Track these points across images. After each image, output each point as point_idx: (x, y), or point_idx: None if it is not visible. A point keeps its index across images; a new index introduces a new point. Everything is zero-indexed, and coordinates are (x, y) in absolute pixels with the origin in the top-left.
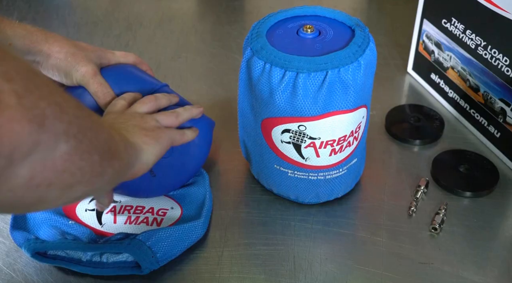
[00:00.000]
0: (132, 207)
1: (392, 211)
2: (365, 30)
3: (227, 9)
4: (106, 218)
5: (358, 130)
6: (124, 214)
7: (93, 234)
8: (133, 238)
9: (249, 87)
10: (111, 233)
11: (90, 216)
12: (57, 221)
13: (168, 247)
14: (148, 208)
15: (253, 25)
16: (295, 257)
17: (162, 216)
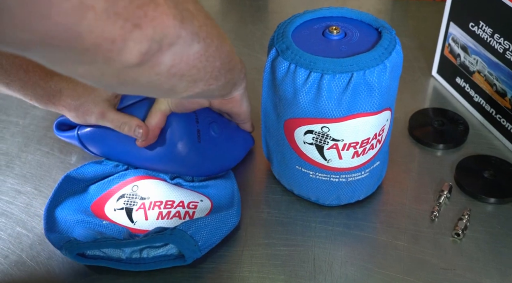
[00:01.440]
0: (161, 202)
1: (414, 215)
2: (391, 33)
3: (250, 9)
4: (137, 216)
5: (381, 133)
6: (155, 210)
7: (130, 232)
8: (173, 229)
9: (273, 87)
10: (145, 230)
11: (120, 215)
12: (91, 222)
13: (208, 236)
14: (178, 202)
15: (278, 25)
16: (315, 258)
17: (193, 209)
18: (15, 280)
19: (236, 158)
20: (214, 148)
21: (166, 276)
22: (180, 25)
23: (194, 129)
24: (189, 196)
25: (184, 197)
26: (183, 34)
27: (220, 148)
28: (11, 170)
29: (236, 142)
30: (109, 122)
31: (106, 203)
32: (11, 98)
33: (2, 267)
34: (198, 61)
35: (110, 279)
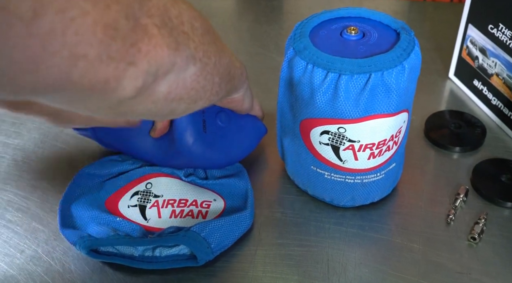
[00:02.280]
0: (175, 200)
1: (429, 218)
2: (410, 34)
3: (266, 9)
4: (150, 213)
5: (398, 135)
6: (168, 208)
7: (143, 229)
8: (187, 230)
9: (290, 87)
10: (158, 228)
11: (134, 212)
12: (105, 218)
13: (221, 238)
14: (191, 201)
15: (296, 25)
16: (329, 259)
17: (207, 208)
18: (31, 274)
19: (247, 148)
20: (221, 139)
21: (179, 274)
22: (175, 53)
23: (199, 119)
24: (202, 195)
25: (197, 196)
26: (178, 61)
27: (228, 138)
28: (28, 165)
29: (247, 132)
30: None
31: (120, 199)
32: None
33: (18, 262)
34: (196, 83)
35: (124, 275)
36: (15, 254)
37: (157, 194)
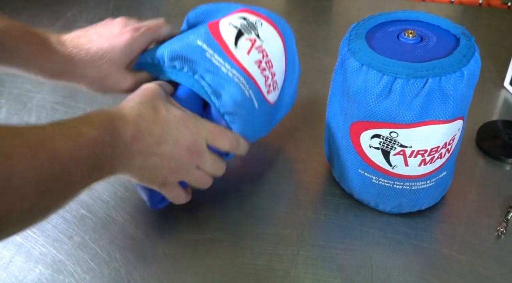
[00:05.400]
0: (267, 56)
1: (478, 230)
2: (471, 40)
3: (315, 9)
4: (244, 43)
5: (451, 142)
6: (259, 54)
7: (225, 54)
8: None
9: (342, 88)
10: (239, 61)
11: (230, 32)
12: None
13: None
14: (273, 71)
15: (352, 26)
16: (373, 265)
17: (273, 90)
18: (78, 260)
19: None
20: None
21: (221, 270)
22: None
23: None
24: (279, 76)
25: (277, 71)
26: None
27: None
28: None
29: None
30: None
31: (225, 18)
32: None
33: (66, 247)
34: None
35: (167, 267)
36: (63, 240)
37: (260, 36)
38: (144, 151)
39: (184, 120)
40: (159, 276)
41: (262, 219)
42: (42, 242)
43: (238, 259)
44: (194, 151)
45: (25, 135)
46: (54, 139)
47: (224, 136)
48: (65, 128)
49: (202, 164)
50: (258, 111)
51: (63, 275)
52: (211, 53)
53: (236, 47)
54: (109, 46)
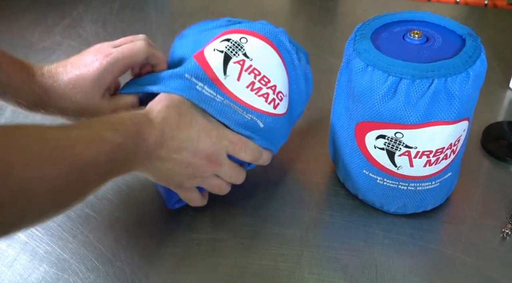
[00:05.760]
0: (260, 73)
1: (483, 231)
2: (477, 40)
3: (320, 9)
4: (232, 68)
5: (457, 143)
6: (250, 76)
7: (216, 86)
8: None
9: (348, 88)
10: (230, 92)
11: (216, 58)
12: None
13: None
14: (272, 84)
15: (357, 26)
16: (377, 266)
17: (280, 101)
18: (83, 259)
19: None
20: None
21: (225, 270)
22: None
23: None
24: (280, 83)
25: (277, 82)
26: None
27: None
28: None
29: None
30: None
31: (209, 44)
32: None
33: (71, 246)
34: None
35: (172, 267)
36: (68, 238)
37: (248, 55)
38: (163, 156)
39: (206, 128)
40: (163, 275)
41: (266, 219)
42: (46, 241)
43: (243, 259)
44: (213, 160)
45: (47, 138)
46: (76, 145)
47: (246, 147)
48: (88, 132)
49: (220, 172)
50: (265, 128)
51: (67, 274)
52: (201, 86)
53: (226, 75)
54: (79, 76)
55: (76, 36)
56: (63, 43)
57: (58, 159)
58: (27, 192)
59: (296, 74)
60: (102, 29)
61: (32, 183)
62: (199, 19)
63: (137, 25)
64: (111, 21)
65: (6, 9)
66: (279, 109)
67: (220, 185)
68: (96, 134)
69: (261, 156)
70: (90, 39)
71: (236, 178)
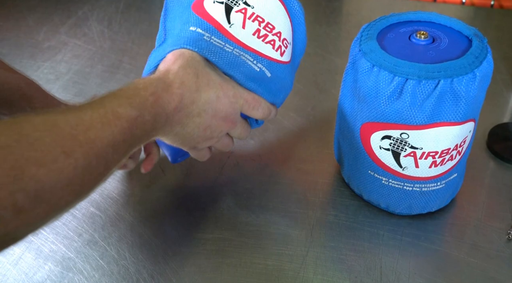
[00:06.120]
0: (263, 20)
1: (489, 232)
2: (483, 41)
3: (326, 9)
4: (236, 17)
5: (463, 145)
6: (254, 23)
7: (223, 35)
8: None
9: (353, 89)
10: (238, 40)
11: (217, 9)
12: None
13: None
14: (276, 31)
15: (363, 26)
16: (382, 267)
17: (285, 48)
18: (88, 258)
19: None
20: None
21: (230, 270)
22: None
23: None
24: (285, 30)
25: (282, 28)
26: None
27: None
28: None
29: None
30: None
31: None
32: (91, 83)
33: (76, 245)
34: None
35: (176, 266)
36: (73, 237)
37: (248, 3)
38: (183, 121)
39: (223, 87)
40: (168, 274)
41: (271, 219)
42: (52, 240)
43: (248, 258)
44: (229, 120)
45: (60, 127)
46: (91, 128)
47: (259, 106)
48: (101, 112)
49: (232, 131)
50: (272, 78)
51: (72, 273)
52: (208, 35)
53: (230, 24)
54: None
55: (82, 35)
56: (69, 42)
57: (73, 150)
58: (44, 191)
59: (298, 21)
60: (107, 29)
61: (49, 181)
62: None
63: (142, 25)
64: (116, 20)
65: (12, 8)
66: (285, 56)
67: (229, 143)
68: (110, 112)
69: (270, 113)
70: (96, 39)
71: (244, 135)
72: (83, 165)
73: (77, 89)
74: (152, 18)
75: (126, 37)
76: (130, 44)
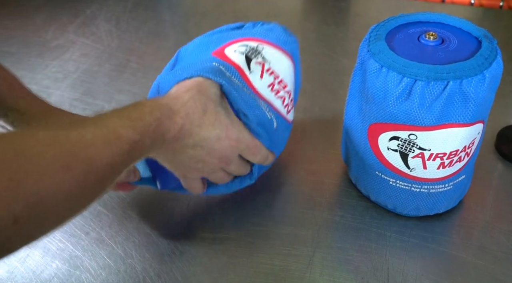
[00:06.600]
0: (278, 77)
1: (497, 235)
2: (493, 42)
3: (333, 10)
4: (255, 67)
5: (471, 146)
6: (271, 76)
7: (242, 80)
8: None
9: (361, 89)
10: (255, 88)
11: (239, 57)
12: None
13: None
14: (288, 89)
15: (371, 27)
16: (389, 268)
17: (291, 107)
18: (95, 256)
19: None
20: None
21: (236, 269)
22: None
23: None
24: (294, 91)
25: (292, 88)
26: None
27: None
28: None
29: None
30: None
31: (227, 46)
32: (99, 82)
33: (83, 243)
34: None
35: (183, 265)
36: (80, 235)
37: (266, 58)
38: (177, 150)
39: (228, 129)
40: (174, 273)
41: (278, 219)
42: (59, 238)
43: (254, 258)
44: (224, 160)
45: (61, 142)
46: (92, 146)
47: (258, 152)
48: (105, 131)
49: (227, 168)
50: (277, 131)
51: (79, 271)
52: (229, 75)
53: (250, 71)
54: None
55: (90, 34)
56: (77, 41)
57: (73, 165)
58: (41, 204)
59: (299, 84)
60: (115, 28)
61: (46, 194)
62: (212, 18)
63: (150, 24)
64: (124, 19)
65: (20, 7)
66: (290, 115)
67: (223, 177)
68: (112, 132)
69: (267, 159)
70: (104, 37)
71: (240, 172)
72: (81, 181)
73: (85, 88)
74: (159, 17)
75: (133, 36)
76: (138, 43)
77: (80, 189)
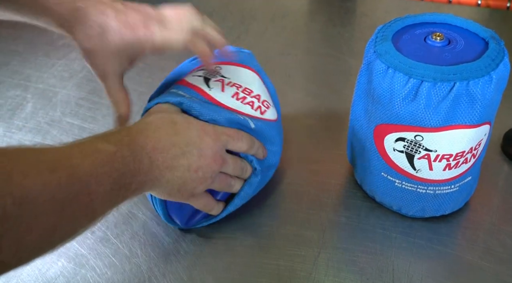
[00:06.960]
0: (241, 86)
1: (503, 237)
2: (500, 43)
3: (339, 10)
4: (214, 84)
5: (478, 147)
6: (233, 88)
7: (203, 97)
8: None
9: (367, 90)
10: (218, 101)
11: (197, 79)
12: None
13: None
14: (255, 94)
15: (378, 28)
16: (394, 269)
17: (266, 108)
18: (100, 255)
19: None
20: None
21: (241, 269)
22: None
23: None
24: (264, 94)
25: (261, 92)
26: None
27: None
28: None
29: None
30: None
31: (187, 75)
32: None
33: (89, 242)
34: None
35: (188, 265)
36: (86, 234)
37: (225, 76)
38: (170, 165)
39: (204, 128)
40: (179, 273)
41: (283, 220)
42: None
43: (259, 258)
44: (217, 157)
45: (44, 152)
46: (71, 157)
47: (241, 137)
48: (82, 146)
49: (225, 168)
50: (256, 130)
51: (85, 269)
52: (189, 96)
53: (210, 88)
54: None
55: None
56: None
57: (56, 168)
58: (29, 200)
59: (272, 87)
60: None
61: (33, 190)
62: (218, 18)
63: None
64: None
65: None
66: (268, 115)
67: (227, 179)
68: (89, 146)
69: (254, 144)
70: None
71: (240, 170)
72: (66, 185)
73: (91, 87)
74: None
75: None
76: None
77: (65, 193)
